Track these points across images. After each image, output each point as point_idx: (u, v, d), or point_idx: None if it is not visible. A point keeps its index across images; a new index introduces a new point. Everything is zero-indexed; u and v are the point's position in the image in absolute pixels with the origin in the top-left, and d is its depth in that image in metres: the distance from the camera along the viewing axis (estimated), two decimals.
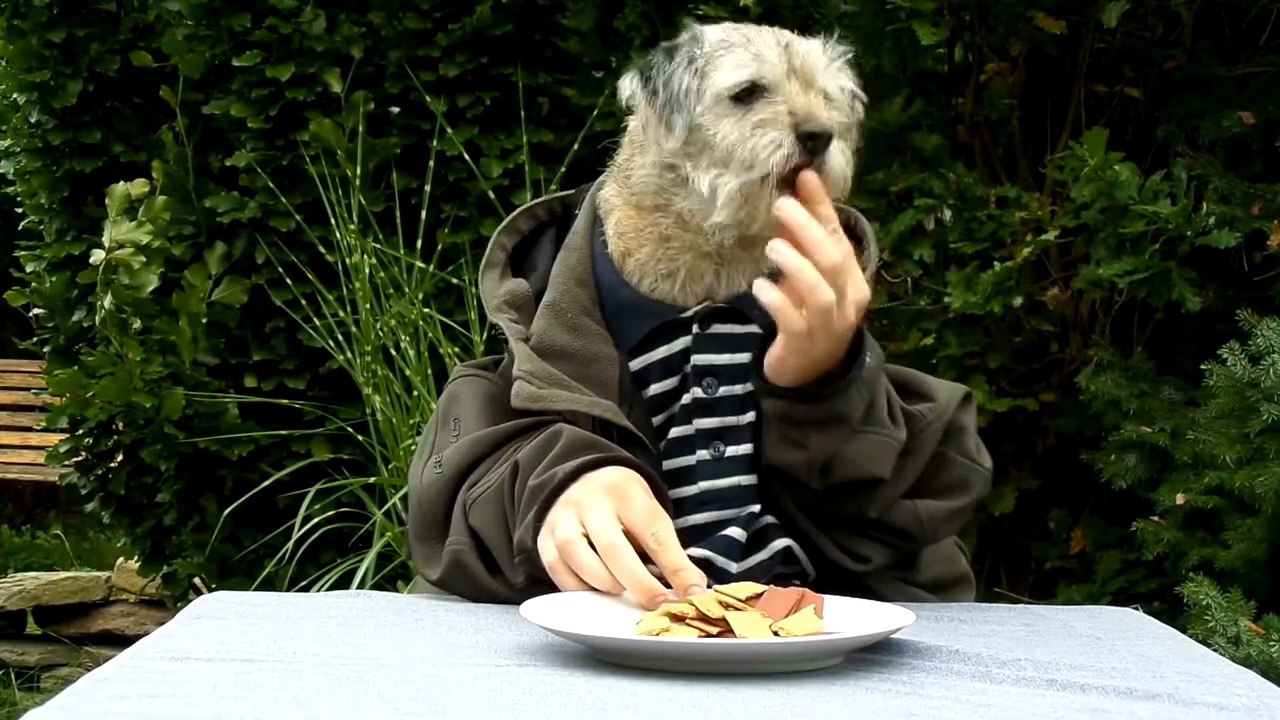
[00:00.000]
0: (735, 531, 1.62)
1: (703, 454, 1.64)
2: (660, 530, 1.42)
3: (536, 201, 1.82)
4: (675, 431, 1.65)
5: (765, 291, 1.48)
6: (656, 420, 1.66)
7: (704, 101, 1.56)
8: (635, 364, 1.66)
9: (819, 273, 1.45)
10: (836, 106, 1.58)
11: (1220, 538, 2.74)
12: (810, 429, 1.55)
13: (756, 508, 1.63)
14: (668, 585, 1.40)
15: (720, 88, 1.55)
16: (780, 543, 1.63)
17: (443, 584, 1.64)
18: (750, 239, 1.59)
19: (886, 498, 1.62)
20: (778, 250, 1.47)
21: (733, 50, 1.56)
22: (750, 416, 1.64)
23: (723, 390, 1.64)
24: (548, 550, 1.45)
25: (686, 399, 1.65)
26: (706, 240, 1.61)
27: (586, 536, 1.42)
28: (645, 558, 1.42)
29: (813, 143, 1.51)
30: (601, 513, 1.43)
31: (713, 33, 1.60)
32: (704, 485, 1.64)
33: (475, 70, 4.04)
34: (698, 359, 1.65)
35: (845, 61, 1.61)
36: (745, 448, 1.63)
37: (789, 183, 1.52)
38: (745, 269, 1.63)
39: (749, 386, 1.63)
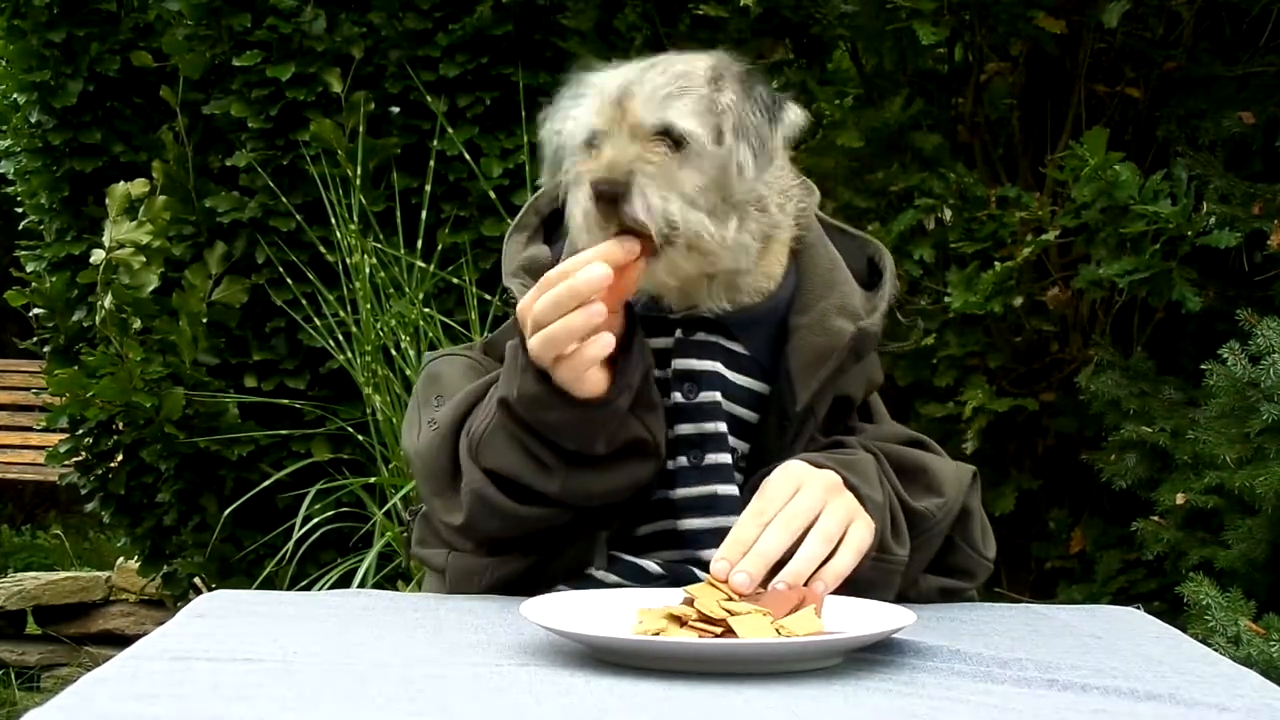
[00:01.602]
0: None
1: (682, 460, 1.63)
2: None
3: None
4: None
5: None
6: None
7: (567, 148, 1.58)
8: None
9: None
10: (685, 152, 1.50)
11: (1220, 538, 2.74)
12: None
13: (730, 520, 1.63)
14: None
15: (571, 136, 1.57)
16: None
17: (469, 527, 1.60)
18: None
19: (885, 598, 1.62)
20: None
21: (586, 96, 1.57)
22: (724, 426, 1.63)
23: (702, 396, 1.63)
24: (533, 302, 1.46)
25: (667, 403, 1.63)
26: None
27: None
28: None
29: (607, 198, 1.49)
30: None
31: (598, 75, 1.59)
32: (683, 492, 1.63)
33: (475, 70, 4.04)
34: (679, 363, 1.64)
35: (725, 88, 1.54)
36: (724, 457, 1.62)
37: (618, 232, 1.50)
38: (709, 285, 1.61)
39: (727, 397, 1.63)
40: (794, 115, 1.58)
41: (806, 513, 1.42)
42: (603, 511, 1.61)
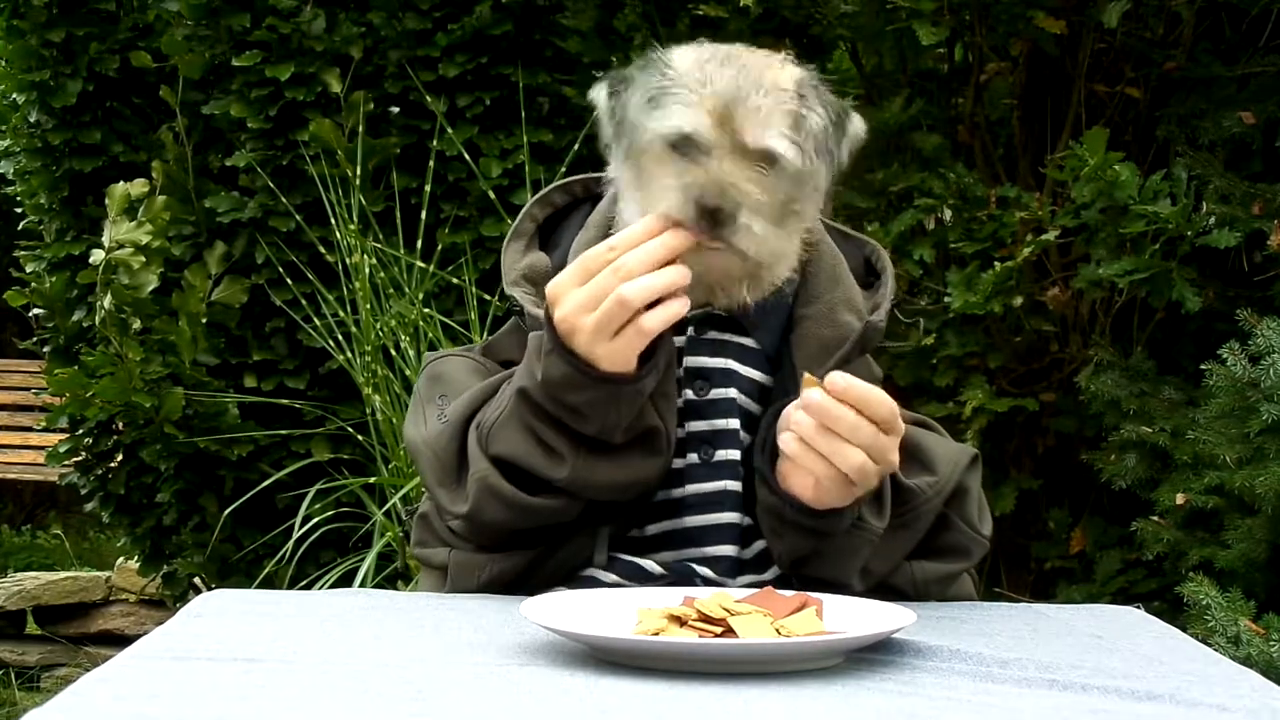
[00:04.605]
0: (729, 549, 1.63)
1: (692, 457, 1.63)
2: None
3: (573, 178, 1.80)
4: None
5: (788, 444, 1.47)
6: None
7: (645, 138, 1.53)
8: None
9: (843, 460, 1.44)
10: (775, 170, 1.52)
11: (1220, 538, 2.74)
12: (790, 529, 1.55)
13: (735, 516, 1.63)
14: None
15: (657, 131, 1.52)
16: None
17: (474, 515, 1.60)
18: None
19: (877, 573, 1.62)
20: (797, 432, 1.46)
21: (681, 92, 1.51)
22: (736, 422, 1.63)
23: (714, 393, 1.64)
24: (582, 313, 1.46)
25: (679, 402, 1.63)
26: None
27: None
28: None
29: (713, 217, 1.47)
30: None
31: (681, 60, 1.54)
32: (691, 489, 1.63)
33: (475, 70, 4.04)
34: (690, 361, 1.64)
35: (810, 105, 1.54)
36: (734, 453, 1.63)
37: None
38: (743, 283, 1.61)
39: (741, 392, 1.63)
40: (857, 127, 1.60)
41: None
42: (607, 509, 1.61)
